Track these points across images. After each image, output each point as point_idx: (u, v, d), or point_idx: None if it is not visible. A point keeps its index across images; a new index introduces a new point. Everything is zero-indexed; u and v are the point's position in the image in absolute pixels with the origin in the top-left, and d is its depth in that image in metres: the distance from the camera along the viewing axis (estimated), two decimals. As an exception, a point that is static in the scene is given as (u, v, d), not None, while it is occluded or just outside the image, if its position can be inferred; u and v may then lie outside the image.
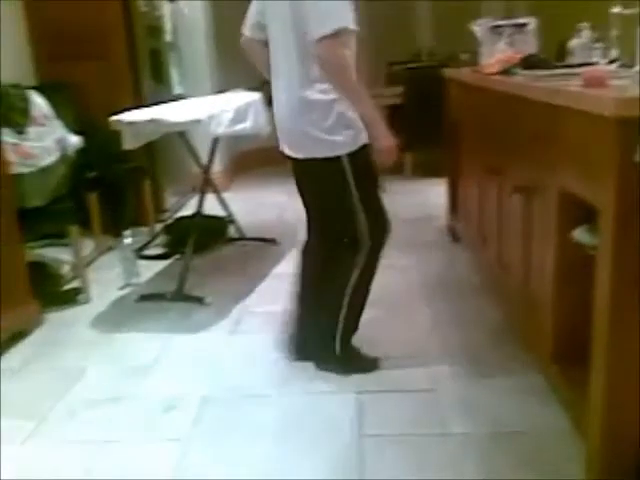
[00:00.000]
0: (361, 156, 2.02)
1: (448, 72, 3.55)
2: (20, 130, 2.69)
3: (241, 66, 5.32)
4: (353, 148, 2.00)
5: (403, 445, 1.85)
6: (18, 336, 2.62)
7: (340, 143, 1.99)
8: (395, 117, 5.68)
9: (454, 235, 3.65)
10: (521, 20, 2.92)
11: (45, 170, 2.78)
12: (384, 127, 2.00)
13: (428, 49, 6.43)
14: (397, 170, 5.35)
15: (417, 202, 4.73)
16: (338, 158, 2.00)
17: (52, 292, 3.02)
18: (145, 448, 1.90)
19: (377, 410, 2.04)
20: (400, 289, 3.03)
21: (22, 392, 2.26)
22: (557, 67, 2.29)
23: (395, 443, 1.86)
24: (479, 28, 2.97)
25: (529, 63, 2.36)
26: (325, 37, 1.83)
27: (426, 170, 5.57)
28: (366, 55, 6.75)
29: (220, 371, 2.34)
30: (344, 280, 2.14)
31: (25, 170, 2.70)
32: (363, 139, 2.02)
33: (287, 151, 2.13)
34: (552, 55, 2.67)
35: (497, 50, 2.76)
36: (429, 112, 4.99)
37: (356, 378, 2.22)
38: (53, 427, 2.04)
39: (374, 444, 1.86)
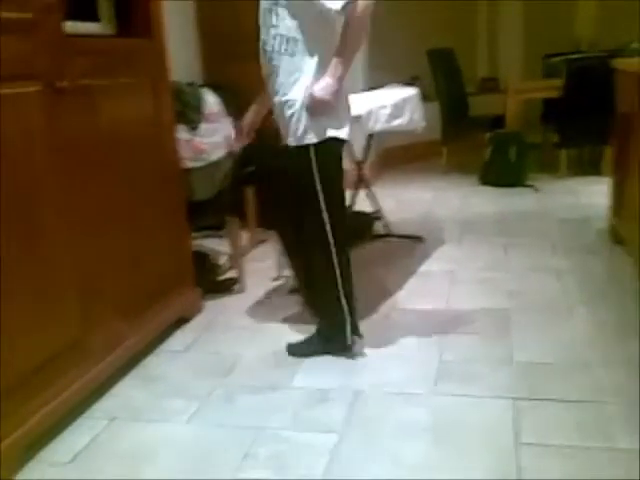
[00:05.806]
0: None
1: (621, 63, 3.27)
2: (194, 126, 2.80)
3: (388, 63, 5.35)
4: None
5: (565, 457, 1.76)
6: (181, 321, 2.78)
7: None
8: (551, 111, 5.41)
9: (616, 238, 3.41)
10: None
11: (213, 165, 2.89)
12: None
13: (589, 39, 6.06)
14: (551, 168, 5.09)
15: (573, 202, 4.48)
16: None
17: (210, 281, 3.17)
18: (301, 437, 1.95)
19: (535, 418, 1.95)
20: (557, 293, 2.89)
21: (185, 374, 2.39)
22: None
23: (556, 455, 1.77)
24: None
25: None
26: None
27: (582, 168, 5.25)
28: (520, 47, 6.44)
29: (369, 366, 2.35)
30: None
31: (195, 165, 2.83)
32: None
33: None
34: None
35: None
36: (590, 106, 4.68)
37: (511, 383, 2.15)
38: (214, 409, 2.14)
39: (533, 453, 1.78)
